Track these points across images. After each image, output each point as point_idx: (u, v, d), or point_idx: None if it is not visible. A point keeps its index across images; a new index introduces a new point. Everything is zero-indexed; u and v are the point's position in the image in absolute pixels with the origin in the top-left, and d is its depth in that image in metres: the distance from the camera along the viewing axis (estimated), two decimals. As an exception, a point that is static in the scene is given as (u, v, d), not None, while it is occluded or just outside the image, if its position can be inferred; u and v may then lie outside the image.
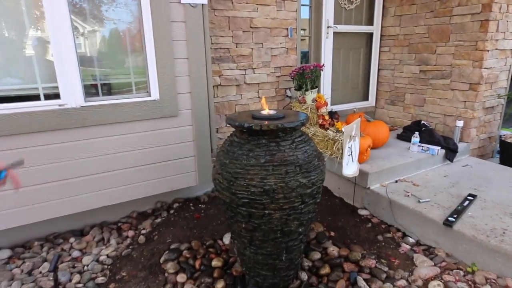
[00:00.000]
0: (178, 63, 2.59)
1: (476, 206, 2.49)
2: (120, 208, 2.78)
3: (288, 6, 3.33)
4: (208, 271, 2.17)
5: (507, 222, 2.26)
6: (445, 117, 3.70)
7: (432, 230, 2.37)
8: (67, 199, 2.39)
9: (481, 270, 2.07)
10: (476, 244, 2.12)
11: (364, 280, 2.05)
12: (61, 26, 2.15)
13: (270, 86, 3.46)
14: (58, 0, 2.09)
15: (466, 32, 3.35)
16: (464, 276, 2.05)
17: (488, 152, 3.83)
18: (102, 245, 2.50)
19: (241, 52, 3.24)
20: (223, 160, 1.82)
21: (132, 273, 2.18)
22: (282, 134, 1.74)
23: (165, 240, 2.51)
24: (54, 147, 2.25)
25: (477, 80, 3.32)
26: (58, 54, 2.18)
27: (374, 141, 3.18)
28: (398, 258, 2.26)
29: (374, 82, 4.39)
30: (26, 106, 2.15)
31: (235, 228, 1.91)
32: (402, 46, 4.02)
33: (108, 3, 2.39)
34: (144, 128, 2.55)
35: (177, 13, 2.49)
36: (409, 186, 2.87)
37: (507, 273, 2.00)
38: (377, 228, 2.65)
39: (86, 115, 2.30)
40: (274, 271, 1.97)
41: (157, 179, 2.72)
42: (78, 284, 2.09)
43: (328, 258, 2.28)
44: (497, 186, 2.81)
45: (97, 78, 2.47)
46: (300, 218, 1.81)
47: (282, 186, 1.67)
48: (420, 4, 3.70)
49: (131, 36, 2.55)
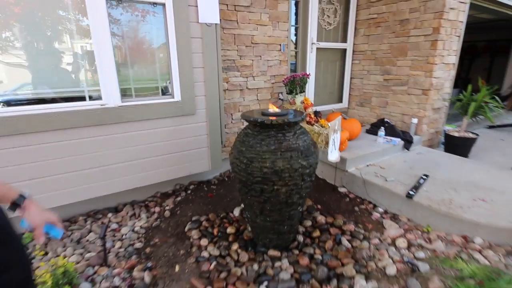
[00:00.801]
0: (196, 71, 2.59)
1: (429, 183, 2.61)
2: (146, 190, 2.80)
3: (281, 27, 3.34)
4: (224, 237, 2.25)
5: (452, 195, 2.40)
6: (403, 115, 3.75)
7: (397, 202, 2.48)
8: (107, 181, 2.40)
9: (434, 230, 2.21)
10: (430, 211, 2.25)
11: (347, 240, 2.16)
12: (103, 42, 2.15)
13: (267, 91, 3.47)
14: (102, 21, 2.10)
15: (420, 49, 3.40)
16: (422, 234, 2.18)
17: (436, 143, 3.94)
18: (135, 219, 2.51)
19: (244, 63, 3.23)
20: (240, 148, 1.89)
21: (163, 240, 2.23)
22: (287, 127, 1.82)
23: (187, 214, 2.56)
24: (97, 139, 2.27)
25: (428, 87, 3.41)
26: (100, 64, 2.19)
27: (350, 134, 3.25)
28: (371, 223, 2.37)
29: (347, 88, 4.39)
30: (75, 106, 2.16)
31: (249, 201, 1.98)
32: (369, 60, 4.02)
33: (140, 21, 2.39)
34: (168, 124, 2.56)
35: (195, 30, 2.50)
36: (378, 169, 2.94)
37: (453, 231, 2.15)
38: (354, 201, 2.74)
39: (122, 113, 2.31)
40: (279, 234, 2.06)
41: (178, 165, 2.73)
42: (120, 249, 2.13)
43: (317, 224, 2.37)
44: (444, 168, 2.94)
45: (131, 83, 2.46)
46: (300, 192, 1.90)
47: (288, 167, 1.77)
48: (384, 26, 3.72)
49: (159, 48, 2.55)
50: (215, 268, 1.91)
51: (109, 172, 2.38)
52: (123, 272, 1.90)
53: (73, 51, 2.23)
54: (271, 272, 1.88)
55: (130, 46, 2.44)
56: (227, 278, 1.82)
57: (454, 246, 2.03)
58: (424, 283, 1.68)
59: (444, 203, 2.28)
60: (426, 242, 2.10)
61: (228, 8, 2.93)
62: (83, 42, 2.23)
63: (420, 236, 2.17)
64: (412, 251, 2.01)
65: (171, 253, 2.08)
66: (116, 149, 2.37)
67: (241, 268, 1.92)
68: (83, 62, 2.25)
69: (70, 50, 2.22)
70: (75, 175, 2.23)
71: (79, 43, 2.22)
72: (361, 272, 1.83)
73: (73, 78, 2.27)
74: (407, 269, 1.82)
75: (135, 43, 2.48)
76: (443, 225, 2.20)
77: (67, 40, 2.18)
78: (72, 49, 2.22)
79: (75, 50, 2.23)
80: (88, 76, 2.28)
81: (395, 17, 3.57)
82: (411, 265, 1.84)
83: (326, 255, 2.02)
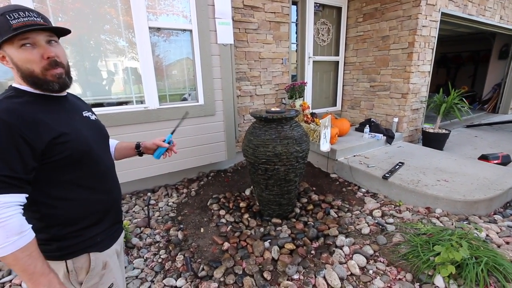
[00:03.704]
0: (215, 81, 2.89)
1: (403, 169, 2.85)
2: (175, 176, 3.12)
3: (283, 44, 3.60)
4: (238, 209, 2.56)
5: (420, 177, 2.65)
6: (386, 116, 3.94)
7: (376, 183, 2.73)
8: (148, 167, 2.72)
9: (404, 204, 2.46)
10: (401, 189, 2.51)
11: (334, 212, 2.43)
12: (147, 61, 2.50)
13: (272, 97, 3.72)
14: (146, 46, 2.47)
15: (399, 60, 3.61)
16: (394, 208, 2.43)
17: (416, 139, 4.11)
18: (168, 197, 2.85)
19: (253, 74, 3.45)
20: (249, 137, 2.23)
21: (190, 211, 2.56)
22: (285, 121, 2.14)
23: (208, 193, 2.87)
24: (141, 133, 2.57)
25: (406, 91, 3.62)
26: (144, 77, 2.53)
27: (340, 131, 3.50)
28: (354, 200, 2.64)
29: (340, 94, 4.56)
30: (126, 108, 2.53)
31: (256, 179, 2.30)
32: (358, 70, 4.21)
33: (172, 43, 2.74)
34: (194, 122, 2.86)
35: (215, 49, 2.82)
36: (362, 158, 3.18)
37: (419, 204, 2.40)
38: (342, 184, 2.99)
39: (160, 113, 2.64)
40: (280, 206, 2.36)
41: (201, 156, 3.02)
42: (158, 217, 2.48)
43: (312, 201, 2.65)
44: (418, 158, 3.16)
45: (166, 90, 2.79)
46: (296, 171, 2.21)
47: (285, 151, 2.09)
48: (369, 42, 3.94)
49: (186, 64, 2.87)
50: (231, 230, 2.25)
51: (149, 159, 2.72)
52: (162, 232, 2.27)
53: (124, 68, 2.60)
54: (273, 233, 2.20)
55: (165, 62, 2.78)
56: (240, 236, 2.15)
57: (419, 215, 2.29)
58: (389, 239, 1.98)
59: (413, 182, 2.54)
60: (397, 212, 2.36)
61: (240, 31, 3.26)
62: (132, 62, 2.59)
63: (393, 209, 2.43)
64: (384, 218, 2.28)
65: (197, 220, 2.42)
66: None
67: (250, 230, 2.25)
68: (132, 76, 2.62)
69: (123, 67, 2.59)
70: (125, 161, 2.60)
71: (129, 63, 2.59)
72: (343, 233, 2.13)
73: (124, 88, 2.65)
74: (378, 230, 2.12)
75: (168, 60, 2.82)
76: (412, 199, 2.46)
77: (122, 60, 2.56)
78: (124, 67, 2.60)
79: (125, 67, 2.60)
80: (135, 86, 2.66)
81: (378, 34, 3.82)
82: (381, 226, 2.13)
83: (317, 222, 2.32)
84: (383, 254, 1.85)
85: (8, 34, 0.71)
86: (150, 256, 1.99)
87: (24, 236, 0.70)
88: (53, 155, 0.78)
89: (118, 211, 1.04)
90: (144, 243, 2.12)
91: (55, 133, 0.77)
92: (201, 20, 2.69)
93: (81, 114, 0.93)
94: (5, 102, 0.74)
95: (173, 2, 2.62)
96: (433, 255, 1.63)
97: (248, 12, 3.28)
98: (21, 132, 0.71)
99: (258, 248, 1.98)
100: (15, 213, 0.70)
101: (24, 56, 0.75)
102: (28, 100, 0.78)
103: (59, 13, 2.18)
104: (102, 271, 0.92)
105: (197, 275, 1.78)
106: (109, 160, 1.01)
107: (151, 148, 1.21)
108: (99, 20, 2.34)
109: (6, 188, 0.69)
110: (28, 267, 0.70)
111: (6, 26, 0.72)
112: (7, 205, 0.69)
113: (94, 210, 0.91)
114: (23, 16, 0.73)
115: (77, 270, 0.87)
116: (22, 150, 0.71)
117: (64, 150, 0.79)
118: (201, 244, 2.09)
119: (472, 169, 2.81)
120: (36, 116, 0.75)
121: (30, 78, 0.77)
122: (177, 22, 2.66)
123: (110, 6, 2.36)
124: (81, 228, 0.87)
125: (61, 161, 0.80)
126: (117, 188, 1.03)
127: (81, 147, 0.84)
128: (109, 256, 0.95)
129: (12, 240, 0.68)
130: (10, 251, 0.68)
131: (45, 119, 0.77)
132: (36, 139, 0.73)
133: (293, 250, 1.97)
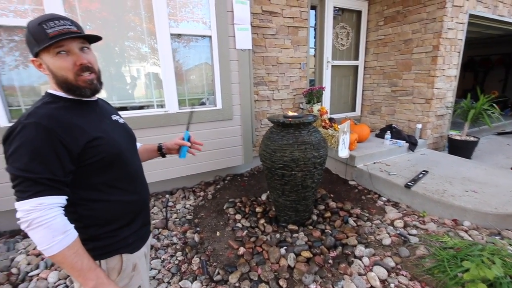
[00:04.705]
0: (233, 86, 2.91)
1: (427, 177, 2.71)
2: (193, 178, 3.14)
3: (301, 49, 3.56)
4: (254, 214, 2.53)
5: (446, 186, 2.51)
6: (409, 122, 3.78)
7: (397, 191, 2.61)
8: (167, 169, 2.77)
9: (428, 215, 2.33)
10: (425, 199, 2.38)
11: (353, 220, 2.35)
12: (168, 67, 2.57)
13: (289, 101, 3.67)
14: (167, 53, 2.53)
15: (422, 64, 3.46)
16: (417, 218, 2.31)
17: (441, 147, 3.90)
18: (185, 199, 2.87)
19: (270, 79, 3.45)
20: (266, 142, 2.21)
21: (207, 214, 2.57)
22: (302, 126, 2.10)
23: (225, 197, 2.87)
24: (161, 136, 2.62)
25: (430, 97, 3.46)
26: (165, 82, 2.61)
27: (359, 136, 3.40)
28: (375, 209, 2.53)
29: (359, 99, 4.47)
30: (147, 112, 2.60)
31: (273, 184, 2.26)
32: (379, 74, 4.11)
33: (192, 47, 2.79)
34: (212, 126, 2.89)
35: (233, 55, 2.84)
36: (383, 165, 3.06)
37: (444, 216, 2.27)
38: (361, 192, 2.88)
39: (179, 117, 2.69)
40: (296, 212, 2.31)
41: (218, 159, 3.04)
42: (176, 219, 2.51)
43: (329, 208, 2.57)
44: (443, 166, 3.00)
45: (185, 94, 2.85)
46: (313, 177, 2.16)
47: (303, 156, 2.04)
48: (391, 46, 3.82)
49: (205, 68, 2.91)
50: (246, 234, 2.23)
51: (168, 161, 2.75)
52: (179, 234, 2.30)
53: (146, 73, 2.69)
54: (290, 240, 2.16)
55: (184, 67, 2.85)
56: (255, 242, 2.13)
57: (445, 227, 2.16)
58: (412, 251, 1.88)
59: (438, 192, 2.40)
60: (420, 223, 2.24)
61: (258, 36, 3.28)
62: (153, 67, 2.67)
63: (416, 219, 2.31)
64: (407, 229, 2.17)
65: (213, 223, 2.42)
66: (173, 145, 2.78)
67: (266, 236, 2.22)
68: (154, 81, 2.70)
69: (145, 72, 2.68)
70: (146, 163, 2.67)
71: (151, 68, 2.67)
72: (362, 243, 2.04)
73: (146, 92, 2.73)
74: (400, 241, 2.01)
75: (187, 65, 2.87)
76: (437, 210, 2.32)
77: (144, 65, 2.65)
78: (146, 72, 2.68)
79: (147, 73, 2.68)
80: (156, 91, 2.73)
81: (400, 37, 3.70)
82: (404, 237, 2.03)
83: (334, 230, 2.24)
84: (406, 267, 1.76)
85: (45, 43, 0.75)
86: (167, 258, 2.01)
87: (69, 235, 0.74)
88: (87, 159, 0.80)
89: (147, 212, 1.06)
90: (162, 244, 2.15)
91: (89, 137, 0.80)
92: (220, 26, 2.74)
93: (110, 118, 0.96)
94: (44, 108, 0.77)
95: (193, 9, 2.68)
96: (462, 271, 1.52)
97: (266, 17, 3.29)
98: (59, 136, 0.74)
99: (274, 254, 1.94)
100: (58, 213, 0.73)
101: (59, 64, 0.78)
102: (64, 105, 0.81)
103: (87, 22, 2.29)
104: (132, 273, 0.94)
105: (212, 279, 1.77)
106: (137, 162, 1.04)
107: (173, 148, 1.23)
108: (123, 27, 2.44)
109: (48, 191, 0.72)
110: (75, 264, 0.74)
111: (43, 35, 0.75)
112: (50, 206, 0.72)
113: (127, 211, 0.93)
114: (58, 25, 0.77)
115: (110, 270, 0.89)
116: (61, 154, 0.74)
117: (97, 154, 0.82)
118: (217, 247, 2.09)
119: (504, 180, 2.63)
120: (71, 120, 0.79)
121: (64, 84, 0.81)
122: (197, 28, 2.72)
123: (135, 15, 2.45)
124: (115, 229, 0.90)
125: (94, 164, 0.82)
126: (146, 189, 1.05)
127: (112, 150, 0.86)
128: (138, 258, 0.97)
129: (58, 239, 0.71)
130: (57, 250, 0.71)
131: (80, 124, 0.80)
132: (73, 143, 0.76)
133: (310, 258, 1.92)
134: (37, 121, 0.73)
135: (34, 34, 0.76)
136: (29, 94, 2.25)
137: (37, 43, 0.76)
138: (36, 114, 0.74)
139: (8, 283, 1.79)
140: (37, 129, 0.72)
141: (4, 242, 2.22)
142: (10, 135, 0.73)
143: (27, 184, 0.71)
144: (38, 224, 0.70)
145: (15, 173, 0.71)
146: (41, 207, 0.71)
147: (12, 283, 1.79)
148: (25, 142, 0.71)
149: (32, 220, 0.70)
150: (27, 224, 0.70)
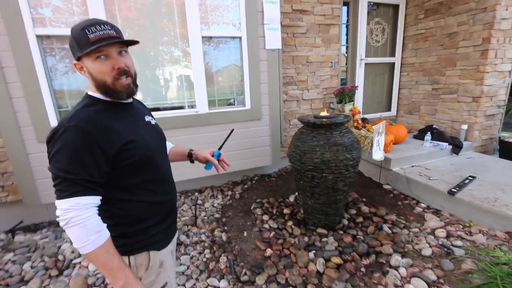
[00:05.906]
0: (262, 86, 2.90)
1: (475, 184, 2.46)
2: (221, 178, 3.20)
3: (333, 47, 3.45)
4: (281, 215, 2.49)
5: (498, 194, 2.25)
6: (452, 122, 3.48)
7: (439, 198, 2.40)
8: (196, 168, 2.83)
9: (476, 225, 2.11)
10: (472, 207, 2.15)
11: (387, 227, 2.20)
12: (199, 69, 2.64)
13: (319, 101, 3.59)
14: (199, 55, 2.60)
15: (469, 59, 3.17)
16: (463, 228, 2.10)
17: (490, 150, 3.55)
18: (214, 198, 2.93)
19: (300, 78, 3.38)
20: (296, 143, 2.16)
21: (234, 214, 2.58)
22: (334, 127, 2.03)
23: (252, 197, 2.87)
24: (191, 136, 2.71)
25: (479, 94, 3.16)
26: (196, 84, 2.67)
27: (396, 138, 3.19)
28: (412, 216, 2.35)
29: (395, 98, 4.20)
30: (179, 112, 2.69)
31: (302, 186, 2.21)
32: (418, 71, 3.83)
33: (222, 49, 2.83)
34: (241, 126, 2.89)
35: (262, 55, 2.83)
36: (422, 169, 2.85)
37: (496, 227, 2.04)
38: (397, 197, 2.71)
39: (209, 118, 2.75)
40: (326, 216, 2.23)
41: (246, 159, 3.04)
42: (204, 217, 2.56)
43: (361, 213, 2.44)
44: (494, 172, 2.71)
45: (215, 95, 2.89)
46: (345, 180, 2.06)
47: (334, 158, 1.97)
48: (432, 40, 3.54)
49: (234, 69, 2.93)
50: (274, 236, 2.20)
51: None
52: (207, 232, 2.34)
53: (178, 75, 2.79)
54: (319, 244, 2.08)
55: (214, 69, 2.90)
56: (283, 244, 2.09)
57: (496, 240, 1.93)
58: (457, 264, 1.70)
59: (488, 201, 2.16)
60: (466, 234, 2.03)
61: (288, 35, 3.23)
62: (185, 70, 2.76)
63: (461, 229, 2.10)
64: (450, 240, 1.98)
65: (240, 223, 2.43)
66: (203, 144, 2.78)
67: (294, 238, 2.17)
68: (185, 83, 2.79)
69: (177, 75, 2.78)
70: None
71: (183, 71, 2.76)
72: (398, 252, 1.90)
73: (177, 94, 2.83)
74: (442, 252, 1.84)
75: (217, 66, 2.92)
76: (486, 220, 2.09)
77: (177, 68, 2.76)
78: (178, 74, 2.79)
79: (179, 75, 2.78)
80: (187, 92, 2.81)
81: (443, 31, 3.41)
82: (447, 249, 1.85)
83: (367, 237, 2.12)
84: (449, 281, 1.60)
85: (86, 48, 0.79)
86: (196, 254, 2.05)
87: (102, 235, 0.77)
88: (121, 161, 0.83)
89: (174, 212, 1.09)
90: (191, 241, 2.21)
91: (124, 140, 0.83)
92: (250, 27, 2.74)
93: (144, 119, 0.99)
94: (84, 111, 0.82)
95: (223, 12, 2.72)
96: (519, 292, 1.34)
97: (296, 16, 3.23)
98: (97, 139, 0.77)
99: (302, 258, 1.89)
100: (93, 213, 0.77)
101: (99, 68, 0.82)
102: (102, 107, 0.86)
103: (126, 29, 2.44)
104: (158, 269, 0.97)
105: (239, 279, 1.77)
106: (167, 164, 1.06)
107: (202, 160, 1.28)
108: (158, 33, 2.55)
109: (84, 191, 0.76)
110: (106, 263, 0.77)
111: (85, 40, 0.80)
112: (86, 206, 0.76)
113: (156, 211, 0.97)
114: (99, 30, 0.81)
115: (138, 266, 0.93)
116: (97, 156, 0.78)
117: (131, 156, 0.85)
118: (244, 248, 2.09)
119: None
120: (108, 124, 0.82)
121: (103, 87, 0.85)
122: (227, 30, 2.75)
123: (168, 20, 2.55)
124: (144, 227, 0.93)
125: (127, 166, 0.85)
126: (174, 190, 1.08)
127: (145, 153, 0.89)
128: (165, 255, 1.00)
129: (93, 238, 0.75)
130: (91, 248, 0.75)
131: (116, 127, 0.83)
132: (109, 146, 0.80)
133: (341, 264, 1.83)
134: (77, 124, 0.76)
135: (77, 39, 0.81)
136: (76, 97, 2.44)
137: (79, 48, 0.81)
138: (77, 117, 0.78)
139: (55, 268, 1.96)
140: (76, 132, 0.76)
141: (53, 231, 2.45)
142: (53, 137, 0.78)
143: (66, 184, 0.74)
144: (74, 223, 0.74)
145: (56, 173, 0.75)
146: (78, 207, 0.74)
147: (58, 269, 1.96)
148: (66, 144, 0.75)
149: (70, 219, 0.73)
150: (65, 222, 0.74)
